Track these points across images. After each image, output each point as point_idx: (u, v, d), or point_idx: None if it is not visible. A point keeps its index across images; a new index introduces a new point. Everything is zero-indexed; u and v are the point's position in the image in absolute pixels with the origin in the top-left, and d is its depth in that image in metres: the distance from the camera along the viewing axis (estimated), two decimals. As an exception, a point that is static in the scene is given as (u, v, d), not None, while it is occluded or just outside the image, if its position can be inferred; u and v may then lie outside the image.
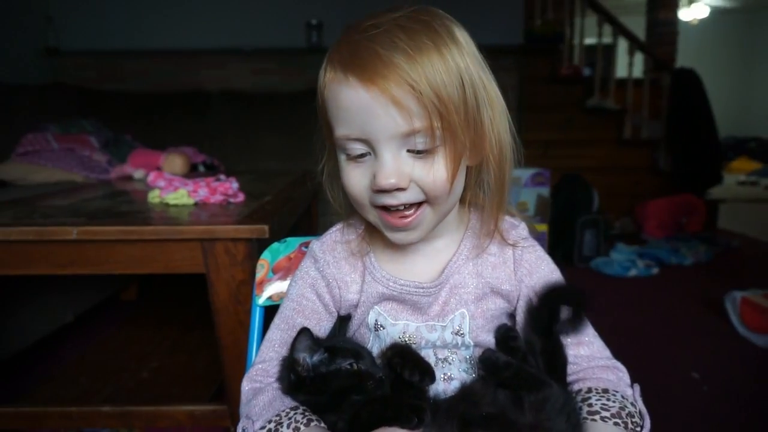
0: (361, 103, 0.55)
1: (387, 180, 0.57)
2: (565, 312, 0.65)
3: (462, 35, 0.59)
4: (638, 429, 0.59)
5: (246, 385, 0.67)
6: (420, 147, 0.57)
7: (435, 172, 0.58)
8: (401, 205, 0.59)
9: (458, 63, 0.57)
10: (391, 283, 0.67)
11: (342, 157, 0.62)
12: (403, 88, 0.54)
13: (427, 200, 0.60)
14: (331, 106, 0.59)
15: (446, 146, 0.57)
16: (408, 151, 0.57)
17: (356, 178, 0.60)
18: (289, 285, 0.73)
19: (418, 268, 0.68)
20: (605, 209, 3.64)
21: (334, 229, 0.73)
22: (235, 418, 1.33)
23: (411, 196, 0.59)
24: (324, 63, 0.61)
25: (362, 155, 0.59)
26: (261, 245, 1.00)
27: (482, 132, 0.60)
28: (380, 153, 0.57)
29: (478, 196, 0.67)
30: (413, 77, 0.53)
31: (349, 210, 0.70)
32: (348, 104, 0.56)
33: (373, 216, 0.63)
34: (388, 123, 0.55)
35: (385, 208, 0.60)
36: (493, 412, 0.56)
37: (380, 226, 0.63)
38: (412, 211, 0.60)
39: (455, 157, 0.58)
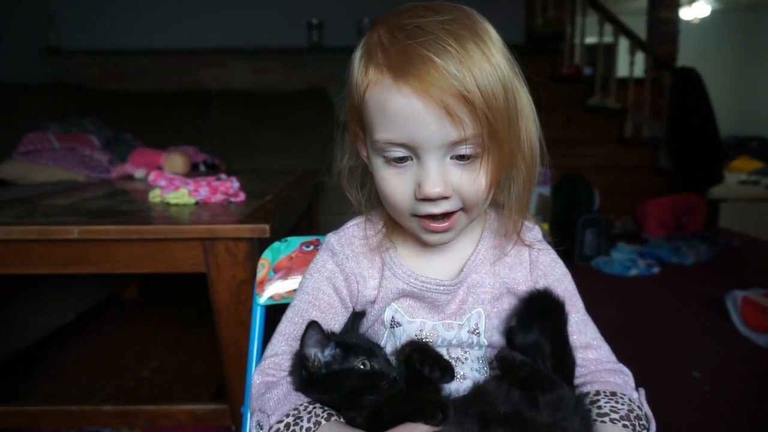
0: (413, 111, 0.54)
1: (434, 189, 0.56)
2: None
3: (497, 38, 0.59)
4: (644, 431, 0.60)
5: (258, 379, 0.65)
6: (466, 152, 0.56)
7: (477, 180, 0.58)
8: (442, 213, 0.59)
9: (502, 71, 0.56)
10: (412, 280, 0.67)
11: (379, 161, 0.60)
12: (458, 99, 0.53)
13: (463, 208, 0.60)
14: (374, 110, 0.57)
15: (489, 154, 0.57)
16: (451, 158, 0.57)
17: (399, 186, 0.59)
18: (304, 278, 0.72)
19: (437, 265, 0.68)
20: (606, 208, 3.64)
21: (352, 223, 0.72)
22: (236, 417, 1.33)
23: (452, 204, 0.59)
24: (361, 60, 0.59)
25: (402, 159, 0.58)
26: (262, 244, 0.99)
27: (519, 140, 0.60)
28: (425, 161, 0.56)
29: (500, 196, 0.67)
30: (468, 88, 0.52)
31: (370, 207, 0.70)
32: (397, 111, 0.55)
33: (409, 222, 0.62)
34: (439, 132, 0.54)
35: (426, 216, 0.60)
36: (511, 411, 0.56)
37: (416, 230, 0.63)
38: (448, 218, 0.60)
39: (496, 166, 0.58)
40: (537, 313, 0.65)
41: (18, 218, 1.25)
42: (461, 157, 0.57)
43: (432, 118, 0.54)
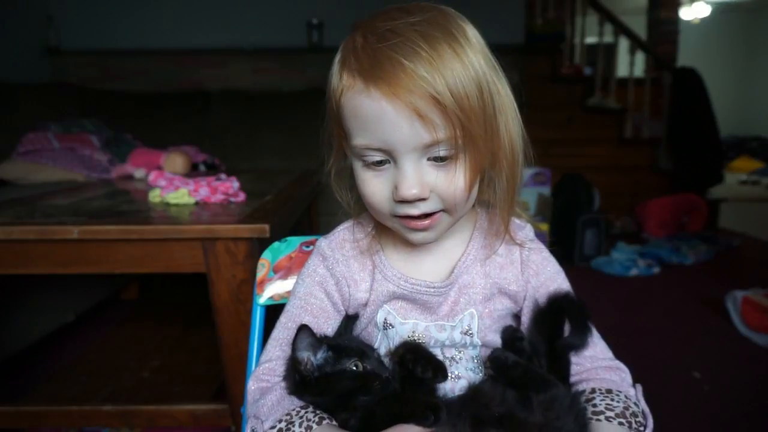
0: (384, 115, 0.54)
1: (409, 191, 0.56)
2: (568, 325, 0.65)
3: (476, 37, 0.59)
4: (642, 429, 0.60)
5: (252, 385, 0.66)
6: (442, 154, 0.56)
7: (455, 181, 0.58)
8: (422, 214, 0.59)
9: (477, 70, 0.56)
10: (402, 282, 0.67)
11: (358, 164, 0.61)
12: (428, 101, 0.53)
13: (444, 209, 0.60)
14: (349, 115, 0.58)
15: (466, 154, 0.57)
16: (428, 159, 0.57)
17: (377, 188, 0.60)
18: (296, 283, 0.72)
19: (427, 267, 0.68)
20: (606, 208, 3.64)
21: (342, 227, 0.73)
22: (236, 417, 1.33)
23: (431, 205, 0.59)
24: (337, 66, 0.59)
25: (380, 162, 0.58)
26: (262, 244, 0.99)
27: (497, 138, 0.60)
28: (402, 163, 0.57)
29: (488, 195, 0.67)
30: (438, 90, 0.52)
31: (358, 210, 0.70)
32: (369, 115, 0.55)
33: (391, 222, 0.63)
34: (411, 135, 0.54)
35: (406, 216, 0.60)
36: (504, 411, 0.56)
37: (399, 230, 0.63)
38: (428, 217, 0.60)
39: (474, 166, 0.58)
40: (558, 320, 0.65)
41: (18, 218, 1.25)
42: (438, 159, 0.57)
43: (403, 121, 0.54)
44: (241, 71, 3.91)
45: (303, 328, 0.61)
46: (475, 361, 0.68)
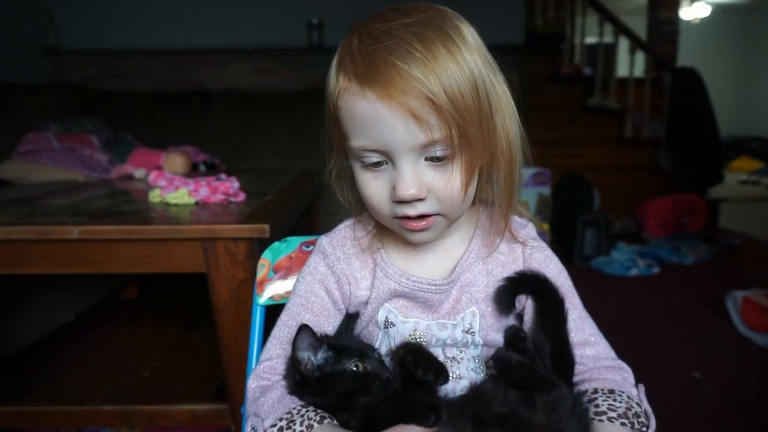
0: (380, 116, 0.54)
1: (407, 191, 0.57)
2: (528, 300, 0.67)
3: (472, 35, 0.59)
4: (644, 429, 0.60)
5: (253, 383, 0.65)
6: (438, 154, 0.57)
7: (452, 181, 0.58)
8: (419, 215, 0.59)
9: (472, 69, 0.56)
10: (403, 280, 0.67)
11: (357, 165, 0.61)
12: (423, 102, 0.53)
13: (440, 212, 0.60)
14: (346, 117, 0.58)
15: (462, 154, 0.57)
16: (425, 159, 0.57)
17: (376, 189, 0.60)
18: (297, 281, 0.72)
19: (429, 265, 0.68)
20: (606, 208, 3.64)
21: (343, 225, 0.73)
22: (236, 417, 1.33)
23: (428, 206, 0.59)
24: (334, 68, 0.60)
25: (378, 163, 0.59)
26: (262, 244, 0.99)
27: (494, 137, 0.60)
28: (399, 164, 0.57)
29: (488, 193, 0.67)
30: (432, 90, 0.53)
31: (359, 209, 0.70)
32: (365, 117, 0.56)
33: (391, 223, 0.63)
34: (407, 136, 0.55)
35: (404, 216, 0.60)
36: (506, 412, 0.55)
37: (399, 230, 0.64)
38: (424, 218, 0.60)
39: (470, 166, 0.58)
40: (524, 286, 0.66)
41: (18, 218, 1.24)
42: (435, 159, 0.57)
43: (398, 123, 0.54)
44: (241, 71, 3.91)
45: (303, 328, 0.61)
46: (477, 361, 0.68)
